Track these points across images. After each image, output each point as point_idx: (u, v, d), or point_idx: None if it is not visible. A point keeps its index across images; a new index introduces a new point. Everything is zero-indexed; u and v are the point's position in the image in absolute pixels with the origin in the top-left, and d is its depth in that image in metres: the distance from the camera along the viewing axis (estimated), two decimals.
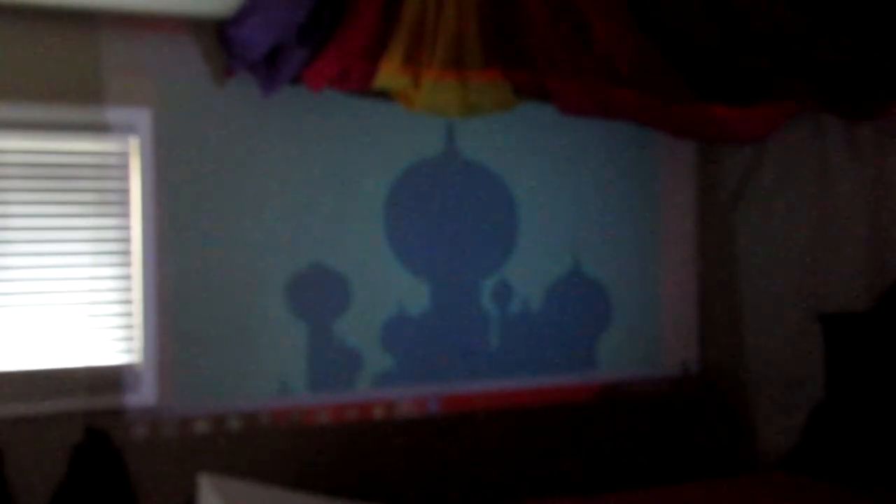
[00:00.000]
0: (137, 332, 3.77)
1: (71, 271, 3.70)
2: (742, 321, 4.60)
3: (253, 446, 3.91)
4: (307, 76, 3.73)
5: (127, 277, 3.77)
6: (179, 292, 3.81)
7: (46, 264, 3.66)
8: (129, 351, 3.78)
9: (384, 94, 3.91)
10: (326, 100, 3.97)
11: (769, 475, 4.00)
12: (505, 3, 3.69)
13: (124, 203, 3.77)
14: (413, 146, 4.26)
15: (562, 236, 4.54)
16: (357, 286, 4.13)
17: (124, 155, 3.78)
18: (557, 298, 4.52)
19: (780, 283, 4.39)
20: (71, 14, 3.60)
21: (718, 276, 4.72)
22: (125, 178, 3.78)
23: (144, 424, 3.75)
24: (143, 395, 3.75)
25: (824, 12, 3.32)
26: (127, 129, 3.74)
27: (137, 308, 3.77)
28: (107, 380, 3.71)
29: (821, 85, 3.60)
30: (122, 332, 3.77)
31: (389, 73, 3.67)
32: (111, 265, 3.76)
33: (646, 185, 4.73)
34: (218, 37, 3.80)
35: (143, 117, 3.76)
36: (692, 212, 4.81)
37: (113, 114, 3.71)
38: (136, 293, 3.77)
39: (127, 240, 3.78)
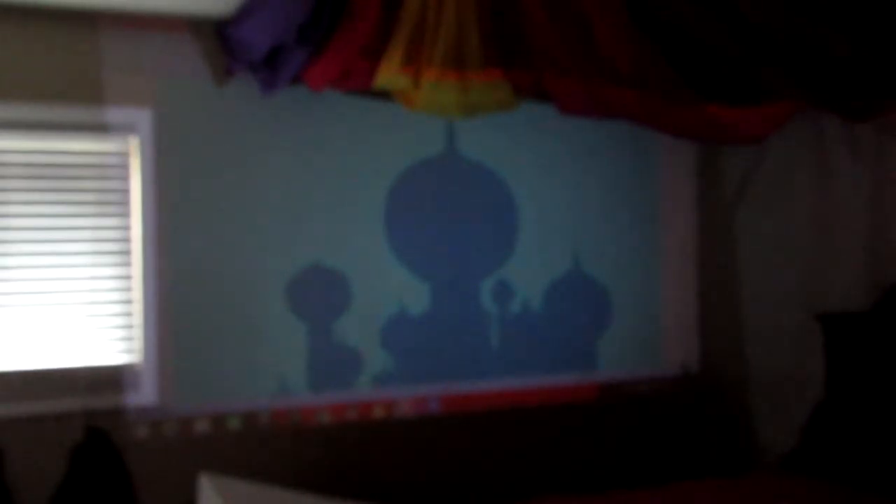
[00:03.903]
0: (137, 332, 3.78)
1: (71, 271, 3.70)
2: (742, 321, 4.59)
3: (253, 446, 3.91)
4: (307, 76, 3.73)
5: (127, 277, 3.77)
6: (179, 292, 3.81)
7: (46, 264, 3.66)
8: (129, 351, 3.78)
9: (384, 94, 3.91)
10: (326, 100, 3.97)
11: (769, 475, 4.00)
12: (505, 3, 3.69)
13: (124, 203, 3.77)
14: (413, 146, 4.26)
15: (562, 236, 4.54)
16: (357, 286, 4.13)
17: (124, 155, 3.78)
18: (557, 298, 4.52)
19: (780, 283, 4.39)
20: (71, 14, 3.60)
21: (718, 276, 4.72)
22: (125, 178, 3.78)
23: (144, 424, 3.75)
24: (143, 395, 3.76)
25: (824, 12, 3.32)
26: (127, 129, 3.75)
27: (137, 308, 3.77)
28: (107, 380, 3.71)
29: (821, 85, 3.60)
30: (122, 332, 3.77)
31: (389, 73, 3.67)
32: (111, 265, 3.76)
33: (646, 185, 4.73)
34: (218, 37, 3.80)
35: (143, 117, 3.76)
36: (692, 212, 4.81)
37: (113, 114, 3.71)
38: (136, 293, 3.77)
39: (127, 240, 3.78)
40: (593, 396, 4.58)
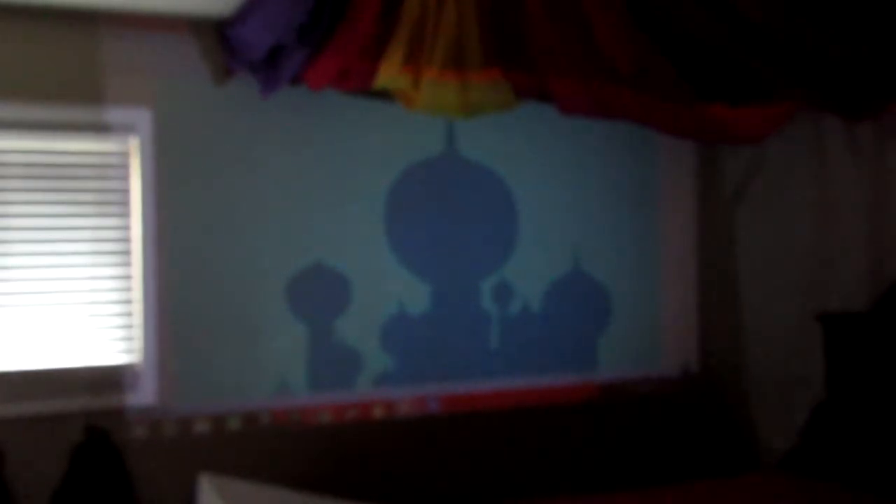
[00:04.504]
0: (137, 332, 3.78)
1: (71, 271, 3.70)
2: (742, 321, 4.59)
3: (253, 446, 3.91)
4: (307, 76, 3.73)
5: (127, 277, 3.77)
6: (179, 292, 3.81)
7: (46, 264, 3.66)
8: (129, 351, 3.78)
9: (384, 94, 3.91)
10: (326, 100, 3.97)
11: (769, 475, 4.00)
12: (505, 3, 3.69)
13: (124, 203, 3.77)
14: (413, 146, 4.26)
15: (562, 236, 4.54)
16: (357, 286, 4.13)
17: (124, 155, 3.78)
18: (557, 298, 4.52)
19: (780, 283, 4.39)
20: (71, 14, 3.60)
21: (718, 276, 4.72)
22: (125, 178, 3.78)
23: (144, 424, 3.75)
24: (143, 395, 3.76)
25: (824, 12, 3.32)
26: (127, 129, 3.75)
27: (137, 308, 3.77)
28: (107, 380, 3.71)
29: (821, 85, 3.61)
30: (122, 332, 3.77)
31: (389, 73, 3.67)
32: (111, 265, 3.76)
33: (646, 185, 4.73)
34: (218, 37, 3.80)
35: (143, 117, 3.76)
36: (692, 212, 4.81)
37: (113, 114, 3.71)
38: (136, 293, 3.77)
39: (127, 240, 3.78)
40: (593, 396, 4.58)
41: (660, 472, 4.53)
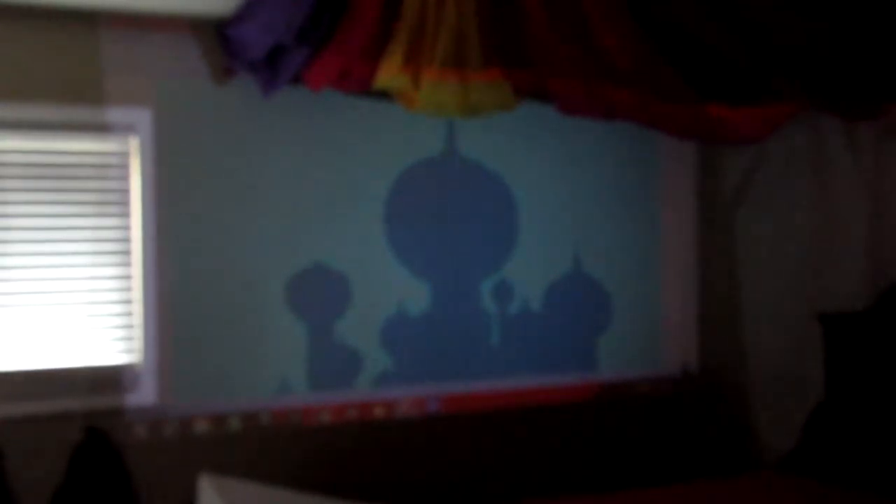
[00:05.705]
0: (137, 332, 3.78)
1: (71, 271, 3.70)
2: (742, 321, 4.59)
3: (253, 446, 3.91)
4: (307, 76, 3.73)
5: (127, 277, 3.77)
6: (179, 292, 3.81)
7: (46, 264, 3.66)
8: (129, 351, 3.78)
9: (384, 94, 3.91)
10: (326, 100, 3.97)
11: (769, 475, 4.00)
12: (505, 3, 3.69)
13: (124, 203, 3.77)
14: (413, 146, 4.26)
15: (562, 236, 4.54)
16: (357, 286, 4.13)
17: (124, 155, 3.78)
18: (557, 298, 4.52)
19: (780, 283, 4.39)
20: (71, 14, 3.60)
21: (718, 275, 4.72)
22: (125, 178, 3.78)
23: (144, 424, 3.75)
24: (143, 395, 3.76)
25: (825, 13, 3.32)
26: (127, 129, 3.75)
27: (137, 308, 3.77)
28: (107, 380, 3.71)
29: (821, 85, 3.60)
30: (122, 332, 3.77)
31: (389, 74, 3.67)
32: (111, 265, 3.76)
33: (646, 185, 4.73)
34: (218, 37, 3.80)
35: (143, 117, 3.76)
36: (692, 212, 4.81)
37: (113, 114, 3.71)
38: (136, 293, 3.77)
39: (127, 240, 3.78)
40: (593, 396, 4.58)
41: (660, 472, 4.53)
